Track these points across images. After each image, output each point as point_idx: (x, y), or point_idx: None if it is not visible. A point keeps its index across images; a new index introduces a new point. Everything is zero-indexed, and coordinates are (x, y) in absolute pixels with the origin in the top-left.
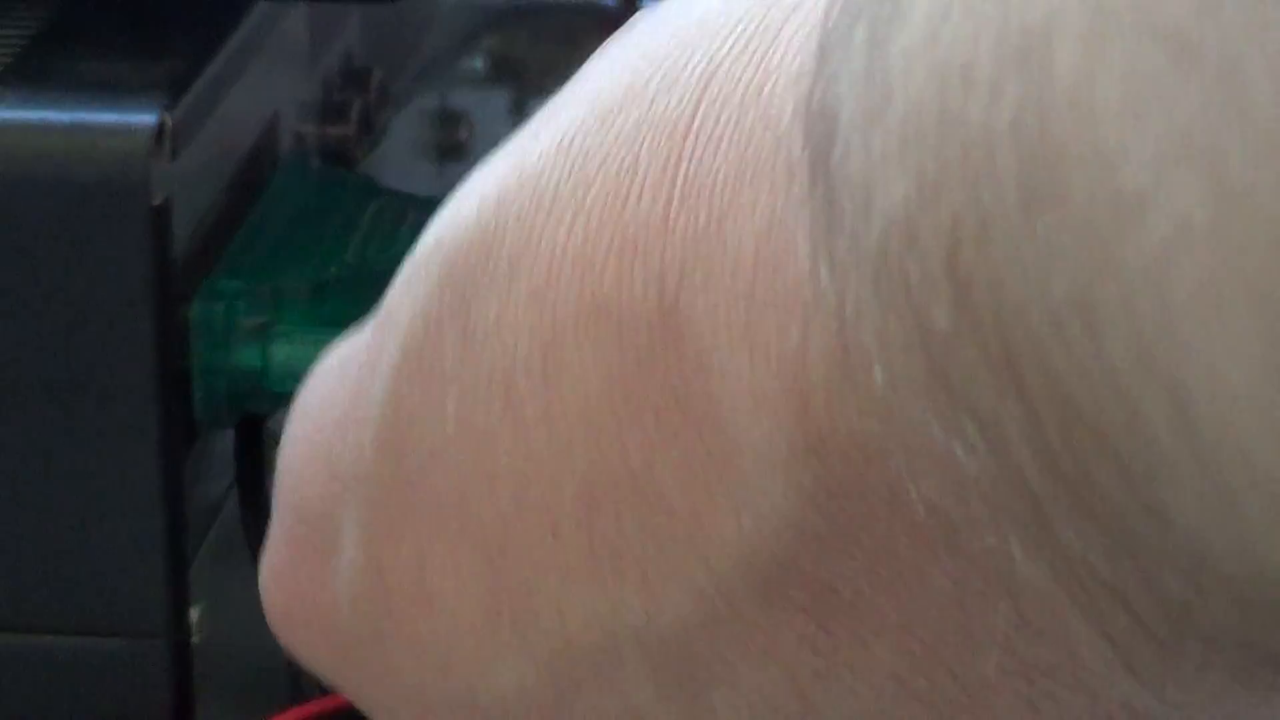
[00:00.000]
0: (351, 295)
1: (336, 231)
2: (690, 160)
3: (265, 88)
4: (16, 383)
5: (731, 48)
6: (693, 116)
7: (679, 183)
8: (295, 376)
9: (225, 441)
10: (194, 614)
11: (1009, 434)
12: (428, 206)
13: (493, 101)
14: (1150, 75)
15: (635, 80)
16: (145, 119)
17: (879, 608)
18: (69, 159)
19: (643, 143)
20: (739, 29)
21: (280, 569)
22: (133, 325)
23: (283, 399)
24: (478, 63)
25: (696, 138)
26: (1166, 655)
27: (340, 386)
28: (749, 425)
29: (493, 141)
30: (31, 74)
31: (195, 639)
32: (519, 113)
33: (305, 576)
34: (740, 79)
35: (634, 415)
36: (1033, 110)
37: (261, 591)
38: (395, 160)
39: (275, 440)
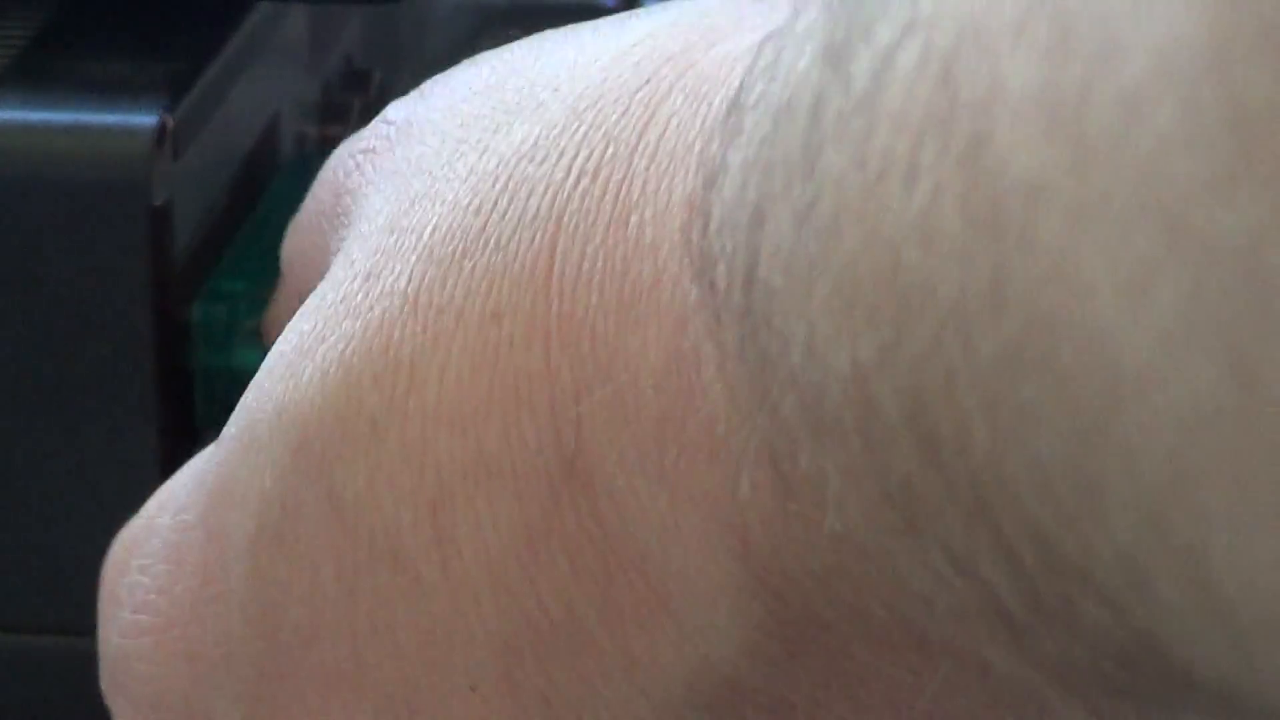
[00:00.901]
0: None
1: None
2: (560, 301)
3: (266, 88)
4: (16, 383)
5: (578, 181)
6: (551, 255)
7: (553, 326)
8: None
9: None
10: None
11: (984, 569)
12: None
13: None
14: (1147, 256)
15: (469, 222)
16: (146, 119)
17: (835, 709)
18: (69, 159)
19: (499, 289)
20: (579, 162)
21: None
22: (133, 326)
23: None
24: None
25: (562, 277)
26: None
27: (178, 569)
28: (680, 563)
29: None
30: (31, 74)
31: None
32: None
33: None
34: (598, 212)
35: (545, 564)
36: (1014, 280)
37: None
38: None
39: None
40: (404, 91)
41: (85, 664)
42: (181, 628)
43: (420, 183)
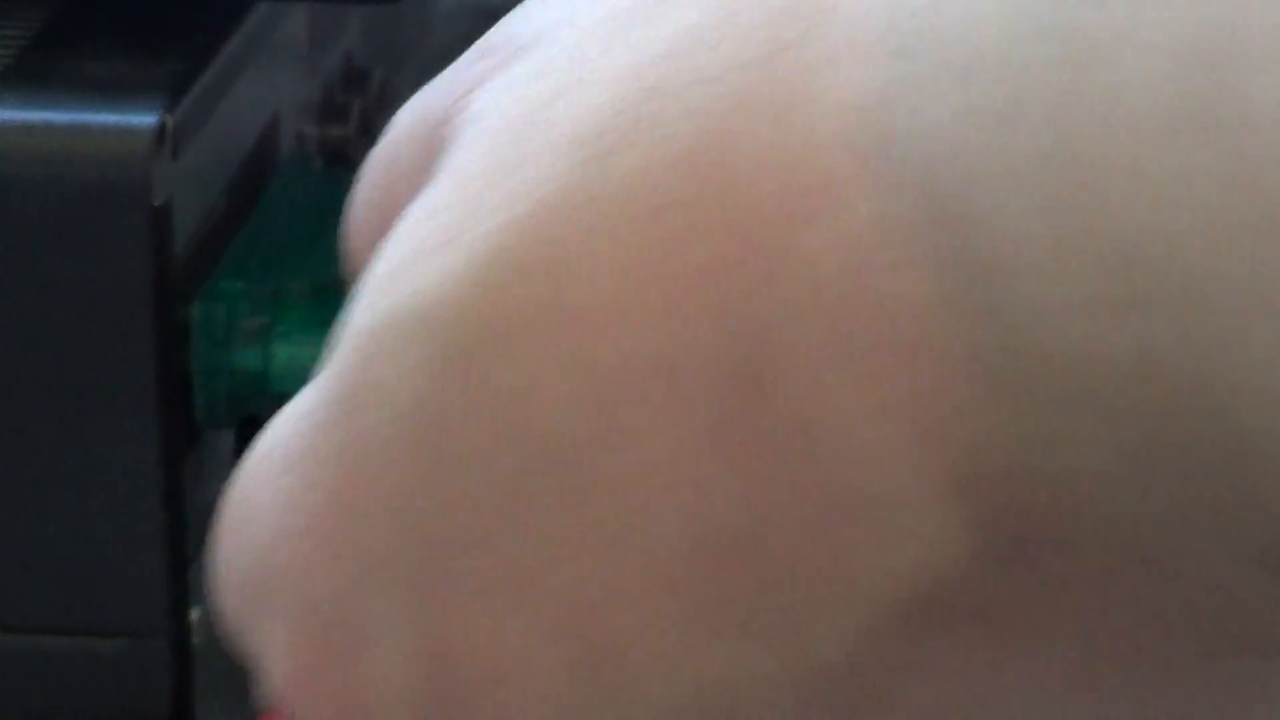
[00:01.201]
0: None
1: (337, 233)
2: (728, 192)
3: (266, 88)
4: (17, 383)
5: (746, 70)
6: (714, 147)
7: (720, 219)
8: (296, 377)
9: (225, 442)
10: (194, 615)
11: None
12: None
13: None
14: None
15: (621, 116)
16: (146, 119)
17: (1051, 612)
18: (69, 159)
19: (659, 183)
20: (750, 48)
21: (303, 677)
22: (133, 326)
23: (284, 400)
24: None
25: (726, 168)
26: None
27: (321, 469)
28: (883, 466)
29: None
30: (31, 74)
31: (195, 639)
32: None
33: (338, 680)
34: (767, 105)
35: (729, 472)
36: None
37: (285, 703)
38: None
39: None
40: (404, 91)
41: (85, 664)
42: (326, 533)
43: (555, 79)
